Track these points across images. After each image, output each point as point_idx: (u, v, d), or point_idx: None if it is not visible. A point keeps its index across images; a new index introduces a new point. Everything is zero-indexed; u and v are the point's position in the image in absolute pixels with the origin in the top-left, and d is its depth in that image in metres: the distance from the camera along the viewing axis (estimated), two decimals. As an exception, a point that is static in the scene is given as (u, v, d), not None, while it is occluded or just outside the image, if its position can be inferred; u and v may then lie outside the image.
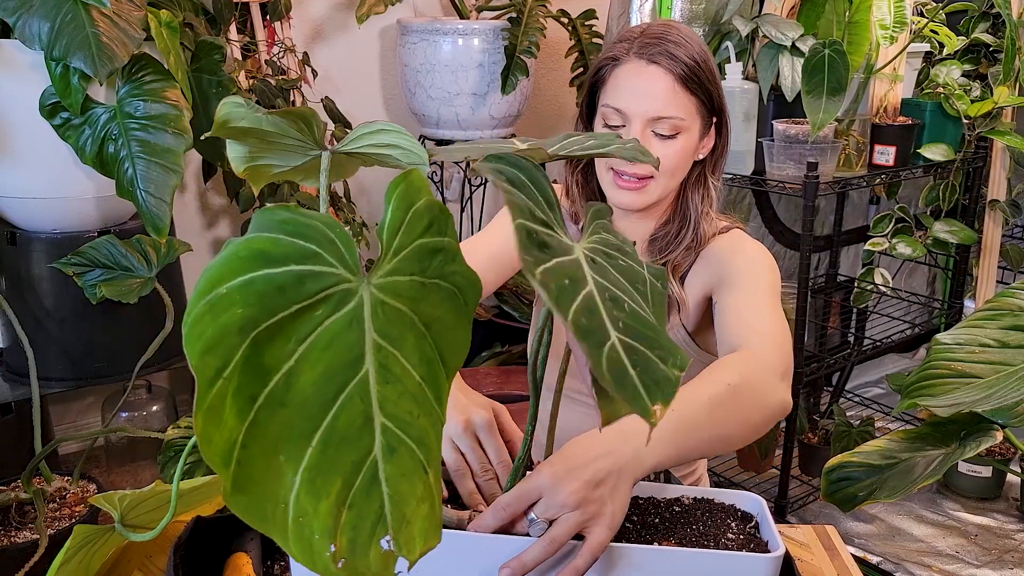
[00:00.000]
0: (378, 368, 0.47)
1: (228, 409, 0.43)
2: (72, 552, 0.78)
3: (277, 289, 0.45)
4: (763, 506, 0.78)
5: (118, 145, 1.49)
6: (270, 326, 0.44)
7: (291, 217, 0.46)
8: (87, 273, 1.55)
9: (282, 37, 2.18)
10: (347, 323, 0.46)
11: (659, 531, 0.75)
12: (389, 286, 0.49)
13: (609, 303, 0.51)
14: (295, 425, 0.45)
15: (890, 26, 2.02)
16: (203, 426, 0.43)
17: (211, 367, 0.43)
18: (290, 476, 0.44)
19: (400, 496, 0.46)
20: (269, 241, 0.45)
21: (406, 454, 0.47)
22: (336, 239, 0.47)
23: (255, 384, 0.44)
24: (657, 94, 1.08)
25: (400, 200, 0.50)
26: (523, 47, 2.25)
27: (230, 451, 0.43)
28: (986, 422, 1.08)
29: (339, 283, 0.47)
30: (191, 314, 0.44)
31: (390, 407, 0.47)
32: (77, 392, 2.12)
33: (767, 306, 1.04)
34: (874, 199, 2.86)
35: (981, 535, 2.09)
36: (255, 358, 0.44)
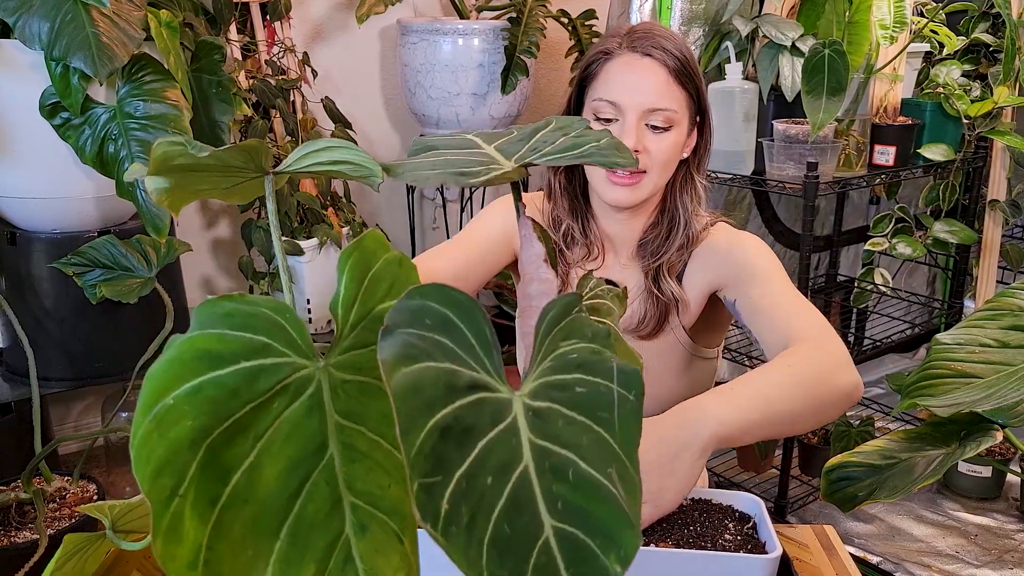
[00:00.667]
0: (342, 449, 0.45)
1: (187, 521, 0.41)
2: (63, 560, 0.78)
3: (229, 393, 0.42)
4: (761, 507, 0.78)
5: (118, 145, 1.49)
6: (225, 430, 0.42)
7: (235, 308, 0.44)
8: (87, 273, 1.56)
9: (282, 37, 2.18)
10: (306, 411, 0.45)
11: (657, 532, 0.75)
12: (348, 363, 0.47)
13: (548, 475, 0.44)
14: (261, 520, 0.43)
15: (890, 26, 2.02)
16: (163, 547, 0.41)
17: (165, 488, 0.41)
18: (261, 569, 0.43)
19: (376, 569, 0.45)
20: (214, 339, 0.43)
21: (378, 528, 0.46)
22: (286, 324, 0.45)
23: (215, 486, 0.42)
24: (652, 86, 1.09)
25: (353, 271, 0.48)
26: (523, 47, 2.25)
27: (195, 558, 0.42)
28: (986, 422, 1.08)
29: (294, 372, 0.45)
30: (137, 434, 0.41)
31: (359, 484, 0.45)
32: (77, 392, 2.12)
33: (797, 295, 1.07)
34: (874, 199, 2.86)
35: (981, 535, 2.09)
36: (212, 463, 0.42)
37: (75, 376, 1.70)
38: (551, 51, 2.66)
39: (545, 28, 2.31)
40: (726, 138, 2.03)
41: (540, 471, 0.44)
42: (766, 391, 0.87)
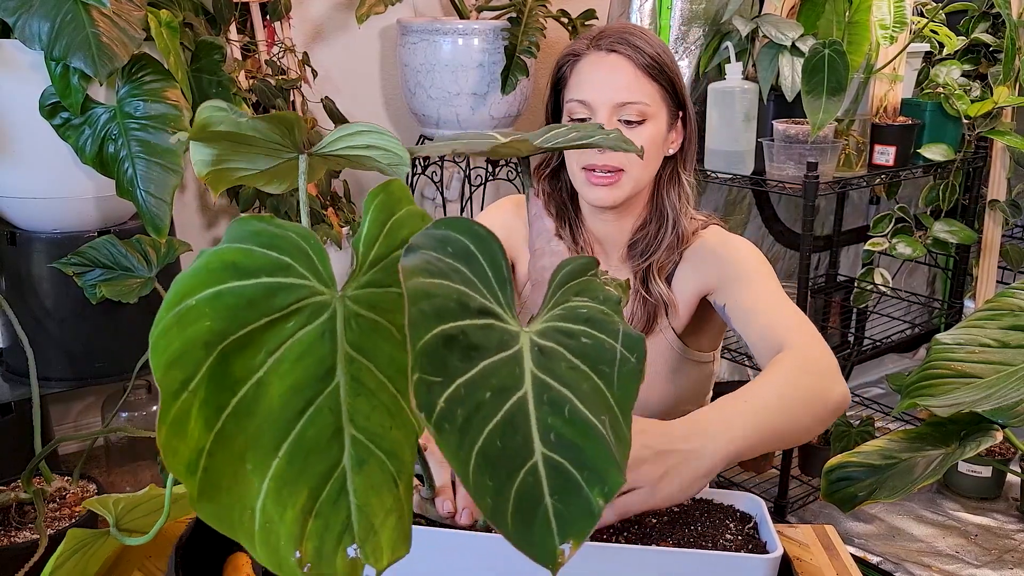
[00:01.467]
0: (350, 381, 0.46)
1: (194, 420, 0.43)
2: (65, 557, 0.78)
3: (247, 302, 0.44)
4: (762, 507, 0.78)
5: (118, 145, 1.49)
6: (239, 338, 0.44)
7: (264, 228, 0.46)
8: (87, 273, 1.56)
9: (282, 37, 2.18)
10: (319, 336, 0.46)
11: (657, 532, 0.75)
12: (364, 298, 0.48)
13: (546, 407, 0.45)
14: (263, 435, 0.44)
15: (890, 26, 2.02)
16: (167, 439, 0.42)
17: (176, 380, 0.43)
18: (256, 484, 0.44)
19: (368, 507, 0.46)
20: (241, 252, 0.45)
21: (376, 466, 0.46)
22: (310, 251, 0.47)
23: (223, 394, 0.43)
24: (620, 80, 1.08)
25: (378, 211, 0.50)
26: (523, 47, 2.25)
27: (196, 460, 0.43)
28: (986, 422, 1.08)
29: (311, 295, 0.46)
30: (158, 325, 0.43)
31: (361, 420, 0.46)
32: (77, 392, 2.12)
33: (787, 300, 1.06)
34: (874, 199, 2.86)
35: (981, 535, 2.09)
36: (223, 369, 0.43)
37: (75, 376, 1.70)
38: (551, 51, 2.66)
39: (545, 28, 2.31)
40: (726, 138, 2.03)
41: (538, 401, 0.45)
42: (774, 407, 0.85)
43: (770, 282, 1.09)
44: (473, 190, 2.53)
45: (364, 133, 0.57)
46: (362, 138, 0.57)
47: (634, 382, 0.48)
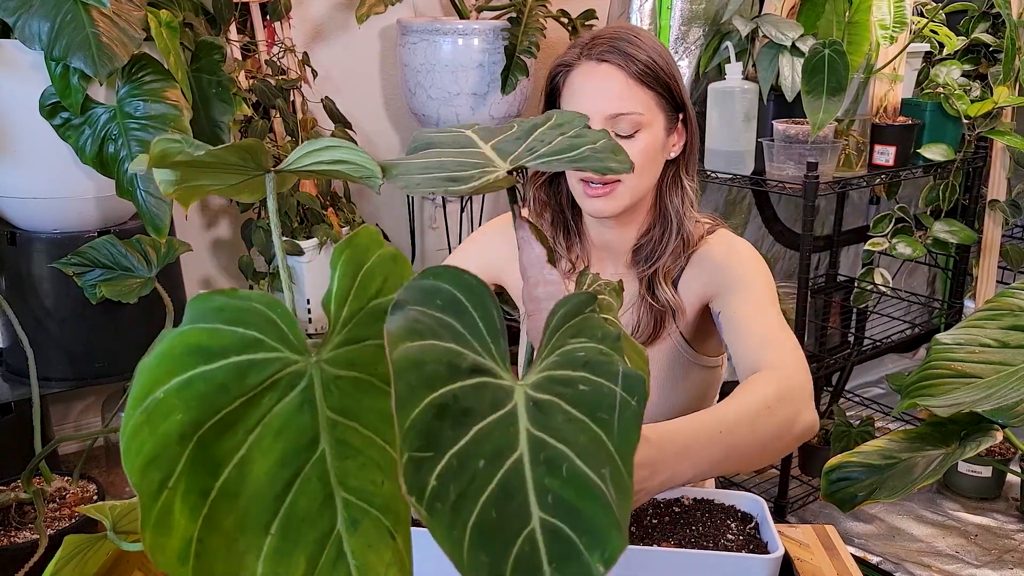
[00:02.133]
0: (335, 445, 0.45)
1: (178, 513, 0.42)
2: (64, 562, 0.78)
3: (218, 387, 0.42)
4: (763, 507, 0.78)
5: (118, 145, 1.49)
6: (215, 424, 0.43)
7: (227, 303, 0.44)
8: (87, 273, 1.55)
9: (282, 37, 2.18)
10: (297, 407, 0.45)
11: (659, 532, 0.75)
12: (341, 358, 0.47)
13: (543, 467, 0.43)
14: (251, 515, 0.43)
15: (890, 26, 2.02)
16: (152, 539, 0.41)
17: (154, 482, 0.41)
18: (252, 564, 0.43)
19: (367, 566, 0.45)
20: (205, 333, 0.43)
21: (371, 524, 0.46)
22: (278, 320, 0.45)
23: (207, 479, 0.42)
24: (611, 91, 1.06)
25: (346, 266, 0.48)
26: (523, 47, 2.25)
27: (186, 549, 0.42)
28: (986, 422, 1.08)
29: (285, 367, 0.45)
30: (127, 425, 0.42)
31: (351, 481, 0.46)
32: (77, 392, 2.12)
33: (777, 316, 1.05)
34: (874, 199, 2.86)
35: (981, 535, 2.09)
36: (203, 456, 0.42)
37: (75, 376, 1.70)
38: (551, 51, 2.66)
39: (545, 28, 2.31)
40: (726, 138, 2.03)
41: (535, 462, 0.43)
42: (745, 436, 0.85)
43: (764, 296, 1.08)
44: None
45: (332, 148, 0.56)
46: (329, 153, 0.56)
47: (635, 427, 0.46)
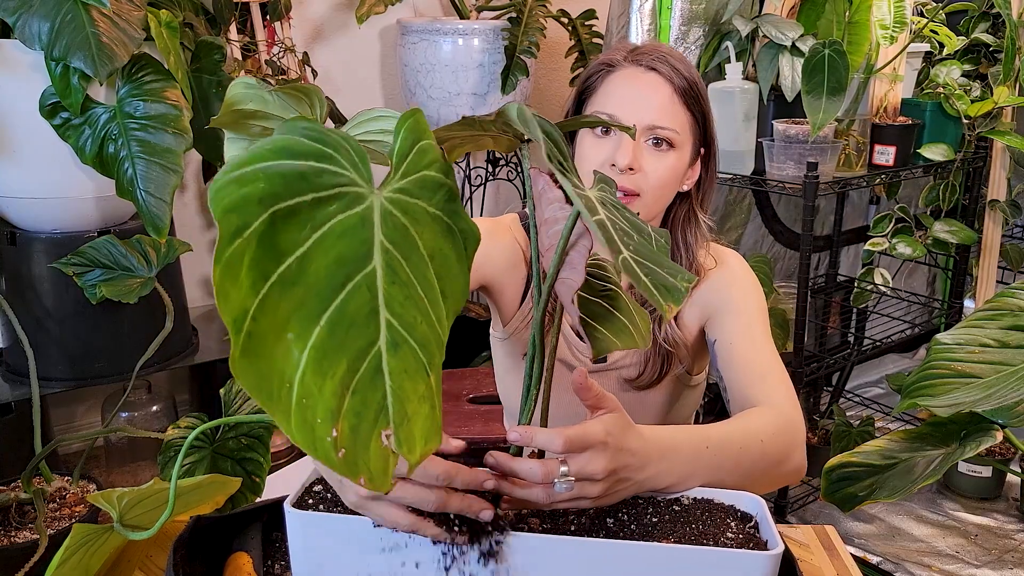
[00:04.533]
0: (385, 268, 0.50)
1: (244, 272, 0.46)
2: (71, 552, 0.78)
3: (298, 175, 0.48)
4: (762, 506, 0.78)
5: (118, 145, 1.49)
6: (289, 207, 0.47)
7: (312, 126, 0.50)
8: (87, 273, 1.55)
9: (282, 37, 2.18)
10: (359, 221, 0.49)
11: (659, 530, 0.75)
12: (398, 201, 0.52)
13: (620, 232, 0.55)
14: (305, 304, 0.47)
15: (890, 26, 2.02)
16: (220, 278, 0.45)
17: (232, 224, 0.46)
18: (297, 354, 0.46)
19: (402, 391, 0.48)
20: (292, 140, 0.49)
21: (409, 352, 0.49)
22: (352, 151, 0.51)
23: (269, 262, 0.46)
24: (655, 101, 1.03)
25: (408, 132, 0.54)
26: (523, 47, 2.25)
27: (242, 318, 0.45)
28: (986, 422, 1.08)
29: (352, 185, 0.50)
30: (216, 184, 0.46)
31: (396, 306, 0.49)
32: (77, 392, 2.12)
33: (770, 347, 1.05)
34: (874, 199, 2.86)
35: (981, 535, 2.09)
36: (272, 235, 0.47)
37: (75, 376, 1.70)
38: (551, 51, 2.66)
39: (545, 28, 2.31)
40: (726, 138, 2.03)
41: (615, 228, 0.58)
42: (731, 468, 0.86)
43: (757, 321, 1.07)
44: (473, 190, 2.53)
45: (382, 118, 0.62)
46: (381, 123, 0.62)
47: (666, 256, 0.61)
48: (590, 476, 0.72)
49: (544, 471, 0.70)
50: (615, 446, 0.74)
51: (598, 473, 0.72)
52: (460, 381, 2.06)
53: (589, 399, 0.76)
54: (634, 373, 1.11)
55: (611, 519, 0.77)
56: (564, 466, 0.71)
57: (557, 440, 0.70)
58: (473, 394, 1.98)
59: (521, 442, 0.71)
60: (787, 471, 0.94)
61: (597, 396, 0.76)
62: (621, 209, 0.62)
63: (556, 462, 0.71)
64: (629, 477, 0.76)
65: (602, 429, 0.73)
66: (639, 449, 0.77)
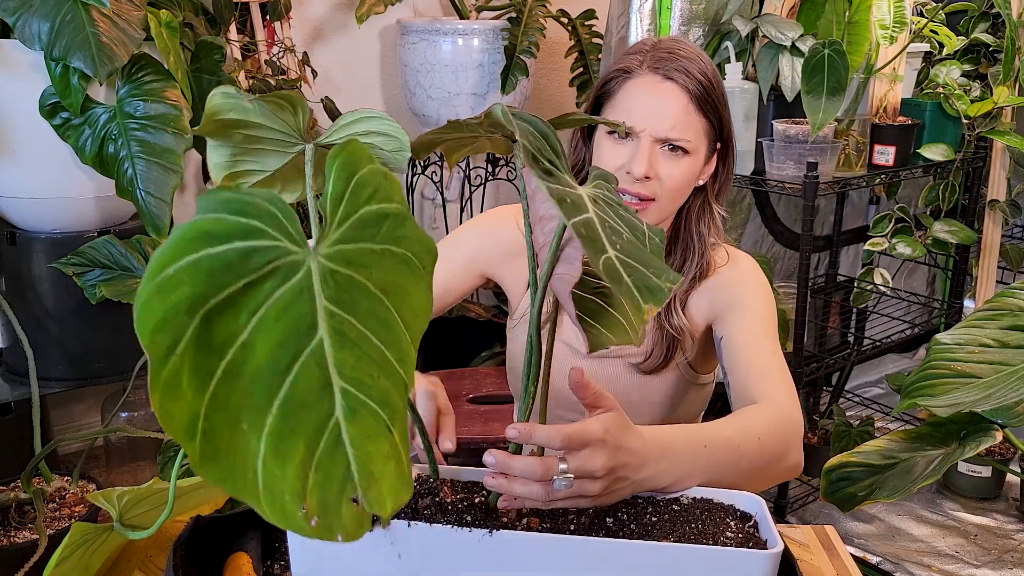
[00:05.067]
0: (332, 334, 0.48)
1: (185, 384, 0.45)
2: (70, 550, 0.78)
3: (224, 266, 0.46)
4: (762, 506, 0.78)
5: (118, 145, 1.49)
6: (220, 302, 0.46)
7: (232, 196, 0.48)
8: (87, 273, 1.55)
9: (282, 37, 2.18)
10: (297, 293, 0.48)
11: (658, 529, 0.75)
12: (338, 255, 0.50)
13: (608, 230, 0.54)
14: (254, 394, 0.46)
15: (890, 26, 2.02)
16: (161, 402, 0.44)
17: (162, 345, 0.44)
18: (255, 443, 0.46)
19: (366, 455, 0.47)
20: (212, 221, 0.47)
21: (368, 415, 0.48)
22: (279, 214, 0.48)
23: (211, 359, 0.45)
24: (670, 113, 1.05)
25: (341, 171, 0.51)
26: (523, 47, 2.25)
27: (193, 424, 0.45)
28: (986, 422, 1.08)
29: (285, 255, 0.48)
30: (141, 297, 0.45)
31: (348, 371, 0.48)
32: (77, 392, 2.12)
33: (775, 347, 1.06)
34: (874, 199, 2.86)
35: (981, 535, 2.09)
36: (207, 334, 0.45)
37: (75, 376, 1.70)
38: (551, 51, 2.66)
39: (545, 28, 2.31)
40: (726, 138, 2.03)
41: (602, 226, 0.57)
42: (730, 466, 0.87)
43: (765, 322, 1.08)
44: (473, 190, 2.53)
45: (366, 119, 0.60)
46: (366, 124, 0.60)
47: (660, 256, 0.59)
48: (589, 474, 0.72)
49: (543, 468, 0.70)
50: (614, 444, 0.74)
51: (597, 471, 0.72)
52: (460, 381, 2.06)
53: (587, 397, 0.76)
54: (640, 357, 1.13)
55: (611, 518, 0.77)
56: (563, 463, 0.71)
57: (556, 437, 0.71)
58: (473, 394, 1.98)
59: (520, 439, 0.71)
60: (784, 468, 0.95)
61: (595, 395, 0.76)
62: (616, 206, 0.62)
63: (555, 459, 0.71)
64: (628, 476, 0.76)
65: (601, 427, 0.74)
66: (638, 448, 0.77)
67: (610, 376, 1.14)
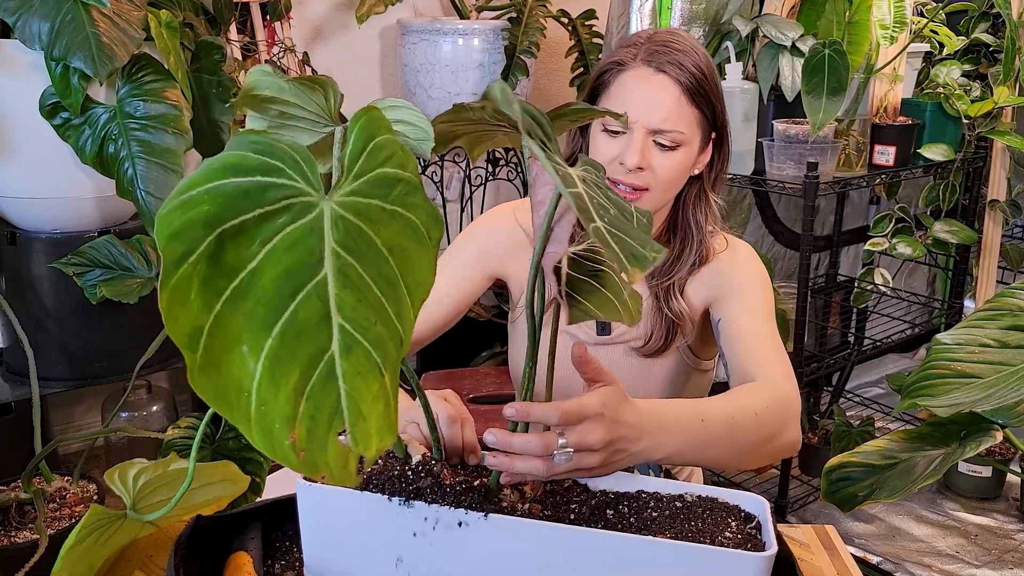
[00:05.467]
0: (336, 274, 0.50)
1: (194, 295, 0.47)
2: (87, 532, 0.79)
3: (242, 193, 0.49)
4: (765, 507, 0.78)
5: (118, 145, 1.49)
6: (235, 226, 0.49)
7: (260, 138, 0.51)
8: (87, 273, 1.55)
9: (282, 37, 2.18)
10: (308, 230, 0.50)
11: (657, 524, 0.75)
12: (350, 204, 0.53)
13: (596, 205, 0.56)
14: (256, 317, 0.49)
15: (890, 26, 2.02)
16: (168, 304, 0.47)
17: (176, 251, 0.47)
18: (252, 365, 0.48)
19: (356, 392, 0.49)
20: (239, 156, 0.50)
21: (362, 354, 0.50)
22: (299, 159, 0.51)
23: (221, 279, 0.48)
24: (662, 105, 1.06)
25: (361, 132, 0.54)
26: (523, 47, 2.25)
27: (196, 336, 0.47)
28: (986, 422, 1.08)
29: (300, 195, 0.51)
30: (164, 209, 0.48)
31: (348, 310, 0.50)
32: (77, 392, 2.12)
33: (772, 330, 1.07)
34: (874, 199, 2.86)
35: (981, 535, 2.09)
36: (221, 254, 0.48)
37: (75, 376, 1.70)
38: (551, 51, 2.66)
39: (545, 28, 2.31)
40: (726, 138, 2.03)
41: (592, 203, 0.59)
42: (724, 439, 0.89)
43: (762, 306, 1.10)
44: (473, 190, 2.53)
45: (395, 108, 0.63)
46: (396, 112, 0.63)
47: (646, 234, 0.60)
48: (588, 447, 0.74)
49: (543, 443, 0.72)
50: (611, 417, 0.76)
51: (596, 444, 0.75)
52: (460, 381, 2.06)
53: (588, 372, 0.78)
54: (640, 340, 1.15)
55: (612, 511, 0.77)
56: (562, 438, 0.73)
57: (554, 413, 0.73)
58: (473, 394, 1.98)
59: (517, 418, 0.74)
60: (781, 445, 0.96)
61: (596, 370, 0.78)
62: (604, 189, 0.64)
63: (554, 435, 0.73)
64: (625, 448, 0.78)
65: (599, 401, 0.76)
66: (635, 422, 0.79)
67: (612, 361, 1.16)
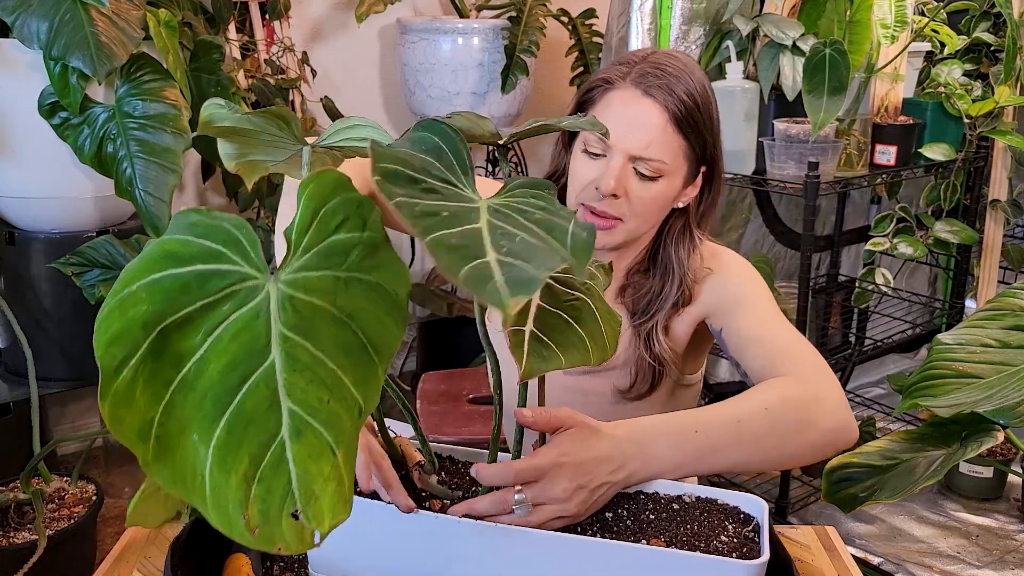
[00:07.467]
0: (285, 358, 0.50)
1: (140, 393, 0.48)
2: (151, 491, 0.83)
3: (182, 287, 0.49)
4: (763, 510, 0.77)
5: (117, 144, 1.49)
6: (178, 319, 0.49)
7: (200, 219, 0.50)
8: (86, 273, 1.55)
9: (281, 36, 2.18)
10: (253, 316, 0.50)
11: (653, 528, 0.75)
12: (299, 282, 0.52)
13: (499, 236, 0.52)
14: (204, 408, 0.49)
15: (891, 25, 2.02)
16: (111, 409, 0.47)
17: (116, 357, 0.47)
18: (203, 452, 0.49)
19: (307, 475, 0.50)
20: (178, 243, 0.50)
21: (313, 436, 0.50)
22: (242, 239, 0.51)
23: (169, 370, 0.49)
24: (646, 132, 0.99)
25: (309, 200, 0.53)
26: (523, 46, 2.24)
27: (148, 429, 0.48)
28: (987, 422, 1.08)
29: (244, 280, 0.50)
30: (103, 311, 0.48)
31: (298, 393, 0.50)
32: (76, 392, 2.11)
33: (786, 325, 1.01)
34: (875, 199, 2.86)
35: (982, 536, 2.08)
36: (166, 346, 0.48)
37: (74, 376, 1.70)
38: (551, 50, 2.66)
39: (545, 27, 2.31)
40: (727, 138, 2.01)
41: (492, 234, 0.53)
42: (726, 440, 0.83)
43: (768, 308, 1.03)
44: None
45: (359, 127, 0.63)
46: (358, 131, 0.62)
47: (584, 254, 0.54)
48: (555, 499, 0.73)
49: (498, 503, 0.72)
50: (574, 463, 0.74)
51: (561, 494, 0.73)
52: (460, 381, 2.06)
53: (541, 428, 0.77)
54: (625, 383, 1.08)
55: (610, 513, 0.77)
56: (518, 493, 0.73)
57: (508, 476, 0.73)
58: (473, 394, 1.98)
59: (478, 479, 0.74)
60: (822, 436, 0.88)
61: (548, 422, 0.77)
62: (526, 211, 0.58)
63: (510, 491, 0.73)
64: (607, 481, 0.76)
65: (554, 453, 0.75)
66: (607, 454, 0.77)
67: (596, 389, 1.10)
